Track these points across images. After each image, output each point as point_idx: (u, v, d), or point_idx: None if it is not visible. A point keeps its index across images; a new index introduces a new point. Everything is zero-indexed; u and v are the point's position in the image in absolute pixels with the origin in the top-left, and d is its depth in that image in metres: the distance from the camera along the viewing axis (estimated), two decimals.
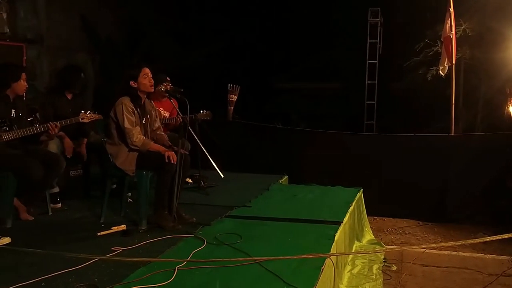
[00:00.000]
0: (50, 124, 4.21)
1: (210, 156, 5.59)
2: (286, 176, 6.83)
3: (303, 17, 10.75)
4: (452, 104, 7.26)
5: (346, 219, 4.70)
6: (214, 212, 4.72)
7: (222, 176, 5.79)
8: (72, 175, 5.22)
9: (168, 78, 5.50)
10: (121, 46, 9.58)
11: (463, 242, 4.82)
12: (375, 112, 10.12)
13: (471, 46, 8.22)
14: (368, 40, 10.11)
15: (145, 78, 4.29)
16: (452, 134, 7.19)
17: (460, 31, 7.92)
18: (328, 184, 6.39)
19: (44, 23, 7.98)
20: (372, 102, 10.13)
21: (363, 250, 5.26)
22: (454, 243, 5.44)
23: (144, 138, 4.25)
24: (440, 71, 7.48)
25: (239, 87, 8.11)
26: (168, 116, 5.78)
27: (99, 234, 3.96)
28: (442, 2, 7.51)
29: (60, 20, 8.25)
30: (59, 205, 4.84)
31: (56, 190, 4.82)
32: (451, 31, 7.13)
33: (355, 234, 5.43)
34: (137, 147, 4.20)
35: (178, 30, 10.15)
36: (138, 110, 4.31)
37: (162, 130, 4.60)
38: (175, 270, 3.10)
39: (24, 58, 6.68)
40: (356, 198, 5.61)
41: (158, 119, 4.63)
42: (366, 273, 4.60)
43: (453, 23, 7.17)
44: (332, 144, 7.44)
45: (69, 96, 5.16)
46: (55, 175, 4.43)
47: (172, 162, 4.07)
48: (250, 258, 3.37)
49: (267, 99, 10.93)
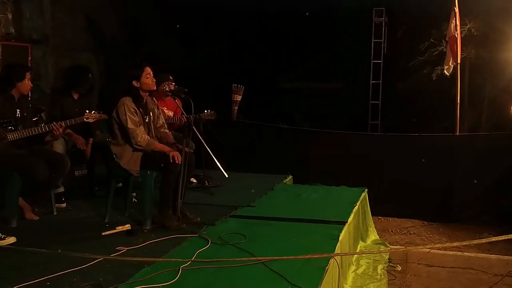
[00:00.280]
0: (54, 124, 4.22)
1: (214, 156, 5.60)
2: (291, 176, 6.82)
3: (307, 16, 10.73)
4: (457, 103, 7.24)
5: (350, 219, 4.68)
6: (218, 212, 4.72)
7: (227, 176, 5.80)
8: (77, 175, 5.24)
9: (171, 77, 5.51)
10: (125, 46, 9.60)
11: (468, 242, 4.81)
12: (380, 112, 10.09)
13: (476, 46, 8.20)
14: (373, 40, 10.09)
15: (147, 77, 4.29)
16: (457, 134, 7.17)
17: (465, 30, 7.90)
18: (332, 184, 6.38)
19: (49, 23, 8.00)
20: (377, 102, 10.11)
21: (367, 250, 5.25)
22: (459, 243, 5.42)
23: (149, 137, 4.25)
24: (445, 71, 7.47)
25: (243, 87, 8.10)
26: (172, 115, 5.79)
27: (103, 233, 3.96)
28: (447, 2, 7.49)
29: (65, 20, 8.28)
30: (64, 204, 4.85)
31: (61, 189, 4.83)
32: (456, 31, 7.11)
33: (360, 234, 5.42)
34: (141, 147, 4.21)
35: (182, 30, 10.16)
36: (140, 109, 4.31)
37: (166, 128, 4.59)
38: (179, 270, 3.10)
39: (29, 58, 6.71)
40: (361, 198, 5.59)
41: (162, 116, 4.63)
42: (370, 273, 4.59)
43: (458, 23, 7.15)
44: (336, 144, 7.43)
45: (75, 96, 5.17)
46: (60, 175, 4.44)
47: (176, 162, 4.08)
48: (255, 258, 3.37)
49: (271, 99, 10.91)
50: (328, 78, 10.76)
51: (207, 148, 5.49)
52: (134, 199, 4.89)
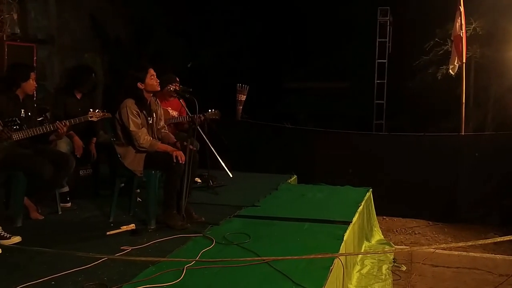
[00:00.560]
0: (58, 123, 4.23)
1: (218, 155, 5.59)
2: (295, 176, 6.82)
3: (312, 16, 10.73)
4: (462, 103, 7.22)
5: (355, 219, 4.67)
6: (222, 211, 4.72)
7: (231, 175, 5.79)
8: (82, 174, 5.26)
9: (177, 79, 5.51)
10: (129, 46, 9.62)
11: (473, 242, 4.79)
12: (385, 111, 10.08)
13: (481, 45, 8.17)
14: (378, 39, 10.08)
15: (152, 79, 4.30)
16: (462, 134, 7.15)
17: (470, 29, 7.87)
18: (337, 183, 6.38)
19: (55, 23, 8.03)
20: (382, 102, 10.10)
21: (372, 250, 5.24)
22: (464, 243, 5.41)
23: (151, 139, 4.26)
24: (450, 70, 7.44)
25: (248, 87, 8.10)
26: (176, 115, 5.79)
27: (108, 233, 3.97)
28: (452, 1, 7.46)
29: (70, 20, 8.31)
30: (69, 204, 4.86)
31: (65, 189, 4.84)
32: (461, 30, 7.09)
33: (364, 234, 5.41)
34: (144, 149, 4.21)
35: (187, 30, 10.17)
36: (144, 111, 4.32)
37: (166, 129, 4.60)
38: (183, 269, 3.10)
39: (34, 58, 6.72)
40: (365, 198, 5.58)
41: (163, 117, 4.63)
42: (375, 273, 4.58)
43: (463, 22, 7.13)
44: (341, 144, 7.43)
45: (78, 96, 5.17)
46: (65, 174, 4.45)
47: (180, 161, 4.08)
48: (259, 258, 3.37)
49: (276, 98, 10.92)
50: (332, 77, 10.77)
51: (212, 148, 5.48)
52: (138, 199, 4.90)
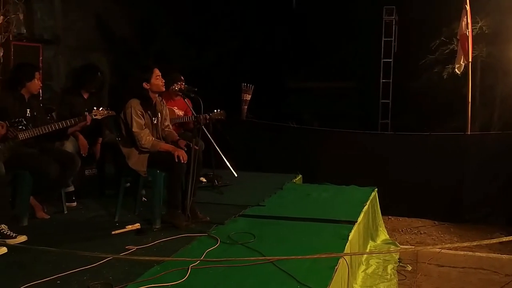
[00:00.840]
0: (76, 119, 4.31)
1: (224, 155, 5.60)
2: (300, 175, 6.81)
3: (317, 16, 10.71)
4: (468, 102, 7.19)
5: (360, 219, 4.67)
6: (227, 211, 4.72)
7: (236, 175, 5.80)
8: (87, 174, 5.28)
9: (182, 78, 5.52)
10: (134, 45, 9.64)
11: (478, 242, 4.77)
12: (390, 111, 10.05)
13: (487, 44, 8.12)
14: (383, 39, 10.06)
15: (157, 79, 4.31)
16: (468, 133, 7.11)
17: (476, 28, 7.82)
18: (342, 183, 6.36)
19: (60, 23, 8.05)
20: (387, 101, 10.07)
21: (377, 250, 5.22)
22: (470, 243, 5.38)
23: (153, 139, 4.26)
24: (456, 69, 7.41)
25: (253, 86, 8.11)
26: (182, 114, 5.80)
27: (113, 232, 3.98)
28: None
29: (76, 20, 8.32)
30: (74, 204, 4.88)
31: (71, 189, 4.86)
32: (468, 29, 7.06)
33: (370, 233, 5.40)
34: (147, 149, 4.22)
35: (191, 29, 10.18)
36: (149, 111, 4.32)
37: (170, 128, 4.60)
38: (188, 269, 3.10)
39: (40, 58, 6.74)
40: (371, 198, 5.57)
41: (168, 117, 4.63)
42: (380, 273, 4.57)
43: (469, 21, 7.09)
44: (346, 143, 7.41)
45: (85, 96, 5.19)
46: (71, 174, 4.47)
47: (182, 161, 4.08)
48: (264, 258, 3.37)
49: (281, 98, 10.91)
50: (338, 77, 10.74)
51: (217, 148, 5.49)
52: (143, 198, 4.91)
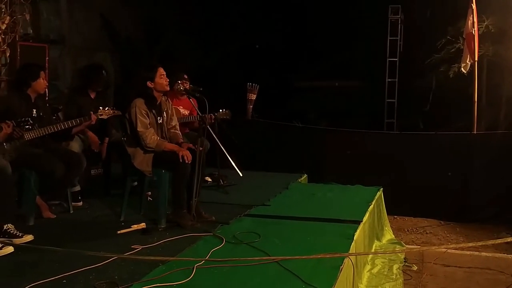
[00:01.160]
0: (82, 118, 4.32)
1: (229, 155, 5.61)
2: (305, 175, 6.80)
3: (323, 15, 10.68)
4: (475, 101, 7.16)
5: (365, 218, 4.66)
6: (233, 210, 4.73)
7: (241, 175, 5.80)
8: (93, 173, 5.29)
9: (185, 76, 5.53)
10: (140, 45, 9.67)
11: (484, 242, 4.75)
12: (396, 110, 10.02)
13: (493, 43, 8.08)
14: (389, 38, 10.02)
15: (161, 78, 4.31)
16: (475, 132, 7.08)
17: (482, 27, 7.79)
18: (347, 183, 6.35)
19: (66, 23, 8.09)
20: (393, 100, 10.04)
21: (383, 250, 5.21)
22: (475, 243, 5.36)
23: (158, 138, 4.27)
24: (462, 68, 7.38)
25: (258, 86, 8.11)
26: (187, 114, 5.81)
27: (119, 232, 3.99)
28: None
29: (82, 20, 8.37)
30: (80, 203, 4.90)
31: (77, 188, 4.88)
32: (474, 28, 7.03)
33: (375, 233, 5.38)
34: (151, 149, 4.23)
35: (197, 29, 10.19)
36: (154, 110, 4.33)
37: (178, 129, 4.60)
38: (193, 268, 3.10)
39: (46, 58, 6.77)
40: (376, 197, 5.55)
41: (175, 117, 4.64)
42: (386, 272, 4.56)
43: (475, 19, 7.06)
44: (352, 143, 7.40)
45: (92, 95, 5.20)
46: (77, 173, 4.49)
47: (186, 161, 4.09)
48: (269, 257, 3.37)
49: (286, 97, 10.90)
50: (343, 76, 10.71)
51: (222, 147, 5.50)
52: (149, 198, 4.93)
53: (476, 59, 7.10)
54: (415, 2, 9.62)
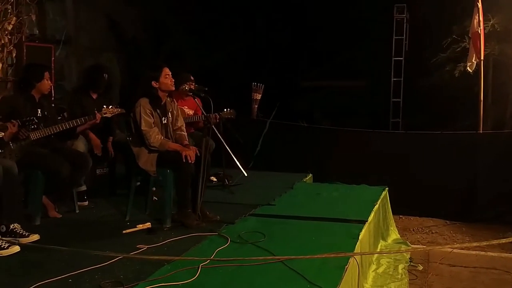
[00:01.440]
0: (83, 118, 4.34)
1: (234, 154, 5.61)
2: (311, 175, 6.80)
3: (327, 14, 10.67)
4: (480, 101, 7.13)
5: (371, 218, 4.65)
6: (238, 210, 4.73)
7: (246, 174, 5.81)
8: (99, 173, 5.31)
9: (192, 78, 5.54)
10: (146, 45, 9.69)
11: (488, 242, 4.71)
12: (401, 109, 10.00)
13: (499, 42, 8.05)
14: (394, 37, 10.00)
15: (166, 78, 4.32)
16: (481, 132, 7.05)
17: (488, 26, 7.76)
18: (353, 182, 6.34)
19: (72, 24, 8.12)
20: (398, 100, 10.02)
21: (388, 250, 5.20)
22: (479, 243, 5.34)
23: (162, 138, 4.27)
24: (468, 68, 7.36)
25: (263, 86, 8.11)
26: (192, 114, 5.82)
27: (124, 232, 4.00)
28: None
29: (88, 20, 8.40)
30: (86, 203, 4.93)
31: (83, 188, 4.90)
32: (479, 27, 7.00)
33: (380, 233, 5.38)
34: (155, 148, 4.24)
35: (202, 29, 10.21)
36: (158, 110, 4.34)
37: (184, 130, 4.60)
38: (198, 268, 3.11)
39: (52, 59, 6.80)
40: (381, 197, 5.54)
41: (181, 118, 4.64)
42: (391, 272, 4.55)
43: (481, 18, 7.04)
44: (357, 142, 7.39)
45: (94, 96, 5.21)
46: (82, 173, 4.52)
47: (189, 161, 4.09)
48: (274, 257, 3.37)
49: (292, 97, 10.89)
50: (348, 75, 10.69)
51: (227, 147, 5.50)
52: (154, 198, 4.94)
53: (482, 58, 7.07)
54: (421, 1, 9.59)
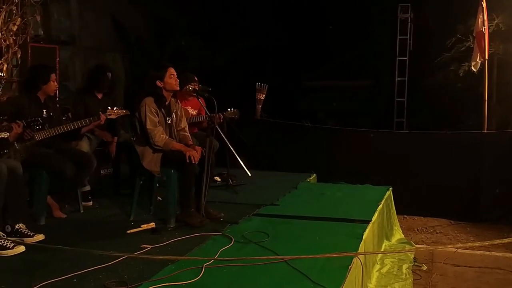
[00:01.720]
0: (90, 119, 4.38)
1: (238, 154, 5.62)
2: (315, 175, 6.80)
3: (332, 14, 10.67)
4: (485, 100, 7.11)
5: (375, 218, 4.64)
6: (242, 210, 4.73)
7: (250, 174, 5.81)
8: (103, 173, 5.33)
9: (196, 78, 5.55)
10: (150, 45, 9.71)
11: (490, 242, 4.72)
12: (405, 109, 9.98)
13: (504, 41, 8.02)
14: (398, 36, 9.98)
15: (171, 78, 4.33)
16: (485, 131, 7.04)
17: (492, 25, 7.73)
18: (357, 182, 6.33)
19: (77, 24, 8.15)
20: (402, 99, 10.00)
21: (392, 249, 5.20)
22: (481, 243, 5.33)
23: (167, 137, 4.28)
24: (472, 67, 7.34)
25: (267, 86, 8.11)
26: (196, 114, 5.83)
27: (128, 231, 4.01)
28: None
29: (92, 21, 8.43)
30: (91, 203, 4.94)
31: (87, 188, 4.91)
32: (484, 26, 6.98)
33: (384, 233, 5.37)
34: (159, 147, 4.25)
35: (206, 29, 10.22)
36: (163, 110, 4.35)
37: (187, 131, 4.61)
38: (202, 268, 3.11)
39: (57, 59, 6.83)
40: (385, 197, 5.54)
41: (184, 119, 4.65)
42: (395, 272, 4.54)
43: (485, 18, 7.02)
44: (361, 142, 7.38)
45: (99, 96, 5.23)
46: (86, 173, 4.53)
47: (193, 161, 4.10)
48: (278, 257, 3.37)
49: (296, 97, 10.90)
50: (352, 75, 10.69)
51: (230, 147, 5.51)
52: (158, 198, 4.95)
53: (486, 57, 7.06)
54: (425, 1, 9.57)
